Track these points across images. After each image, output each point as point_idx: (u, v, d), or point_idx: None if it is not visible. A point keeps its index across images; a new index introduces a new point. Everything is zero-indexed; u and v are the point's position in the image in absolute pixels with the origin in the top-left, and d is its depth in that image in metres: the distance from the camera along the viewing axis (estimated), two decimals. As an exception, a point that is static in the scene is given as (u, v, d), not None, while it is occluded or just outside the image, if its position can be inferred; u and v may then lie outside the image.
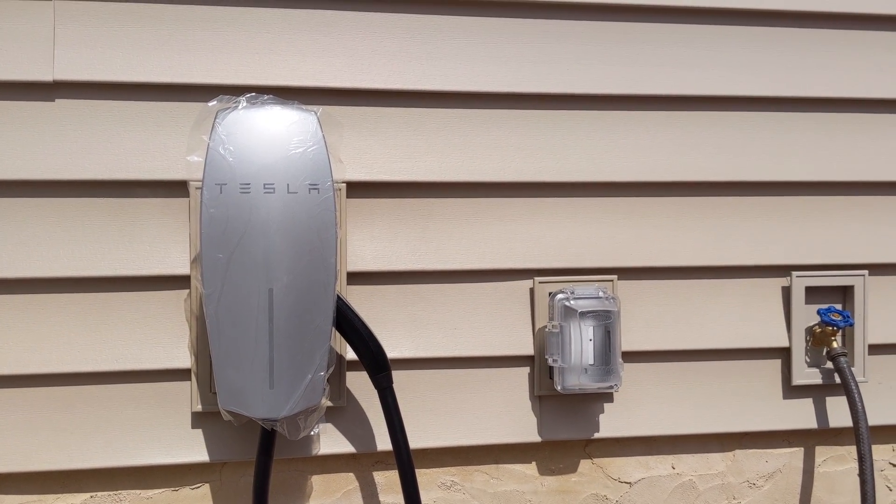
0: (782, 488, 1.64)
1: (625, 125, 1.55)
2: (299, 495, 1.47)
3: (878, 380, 1.64)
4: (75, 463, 1.38)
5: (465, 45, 1.49)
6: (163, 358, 1.39)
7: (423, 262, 1.48)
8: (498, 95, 1.50)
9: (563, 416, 1.53)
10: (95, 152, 1.38)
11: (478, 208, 1.51)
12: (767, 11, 1.58)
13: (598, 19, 1.53)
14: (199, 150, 1.25)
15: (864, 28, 1.62)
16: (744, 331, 1.59)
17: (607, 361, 1.42)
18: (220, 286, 1.19)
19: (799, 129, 1.60)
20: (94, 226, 1.38)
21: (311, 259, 1.21)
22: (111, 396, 1.39)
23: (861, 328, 1.61)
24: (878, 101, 1.63)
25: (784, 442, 1.64)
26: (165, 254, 1.39)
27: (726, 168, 1.57)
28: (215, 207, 1.18)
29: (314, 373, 1.22)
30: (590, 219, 1.54)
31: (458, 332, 1.49)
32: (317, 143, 1.22)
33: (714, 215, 1.58)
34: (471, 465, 1.53)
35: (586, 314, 1.42)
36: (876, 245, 1.63)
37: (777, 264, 1.59)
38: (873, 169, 1.62)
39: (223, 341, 1.20)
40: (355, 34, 1.46)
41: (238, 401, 1.21)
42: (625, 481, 1.58)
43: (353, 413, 1.46)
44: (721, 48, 1.57)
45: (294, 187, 1.20)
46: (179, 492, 1.44)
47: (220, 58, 1.41)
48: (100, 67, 1.37)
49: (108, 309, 1.39)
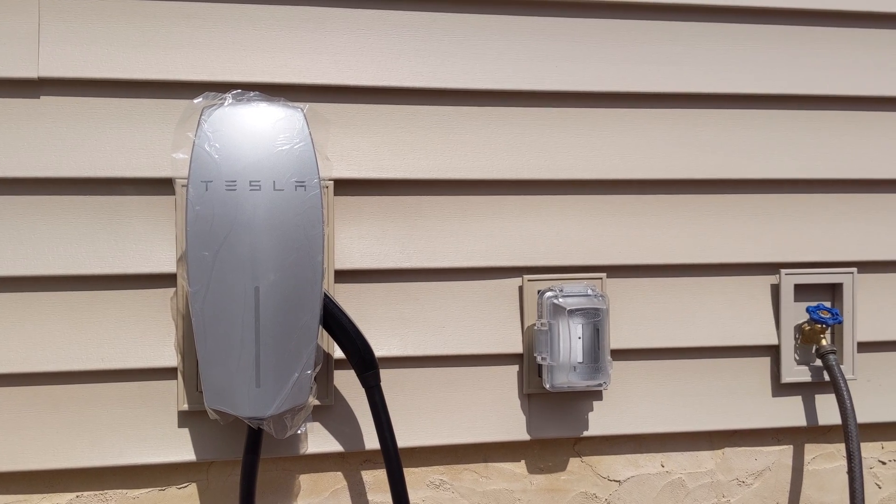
0: (771, 486, 1.64)
1: (614, 123, 1.54)
2: (287, 495, 1.47)
3: (867, 377, 1.64)
4: (61, 462, 1.37)
5: (454, 43, 1.49)
6: (149, 357, 1.38)
7: (411, 260, 1.47)
8: (487, 93, 1.50)
9: (552, 415, 1.52)
10: (81, 149, 1.37)
11: (466, 206, 1.50)
12: (755, 9, 1.58)
13: (587, 17, 1.53)
14: (184, 148, 1.24)
15: (851, 25, 1.62)
16: (733, 328, 1.59)
17: (596, 359, 1.42)
18: (207, 284, 1.18)
19: (787, 126, 1.60)
20: (79, 224, 1.37)
21: (298, 257, 1.20)
22: (97, 395, 1.38)
23: (850, 326, 1.61)
24: (866, 99, 1.63)
25: (773, 440, 1.64)
26: (151, 252, 1.39)
27: (715, 166, 1.57)
28: (201, 205, 1.18)
29: (301, 371, 1.21)
30: (579, 217, 1.54)
31: (446, 331, 1.49)
32: (303, 140, 1.21)
33: (703, 213, 1.58)
34: (459, 464, 1.53)
35: (575, 312, 1.41)
36: (864, 242, 1.63)
37: (766, 262, 1.60)
38: (862, 166, 1.63)
39: (209, 340, 1.19)
40: (343, 31, 1.45)
41: (224, 400, 1.21)
42: (614, 479, 1.58)
43: (340, 412, 1.45)
44: (708, 46, 1.57)
45: (280, 185, 1.19)
46: (166, 491, 1.43)
47: (205, 54, 1.40)
48: (85, 64, 1.37)
49: (94, 307, 1.38)
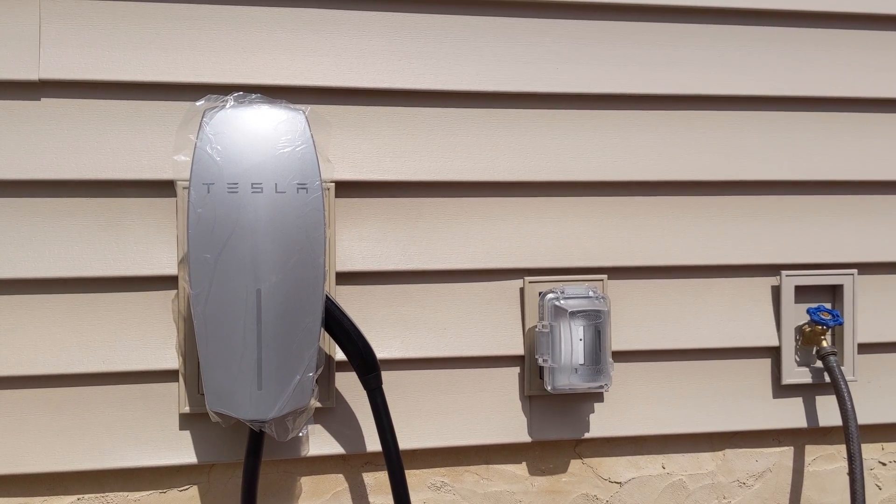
0: (772, 487, 1.64)
1: (614, 124, 1.54)
2: (288, 497, 1.47)
3: (868, 379, 1.64)
4: (62, 465, 1.37)
5: (455, 45, 1.49)
6: (150, 359, 1.38)
7: (412, 262, 1.47)
8: (488, 95, 1.50)
9: (554, 417, 1.53)
10: (82, 152, 1.37)
11: (467, 208, 1.50)
12: (756, 10, 1.58)
13: (587, 19, 1.53)
14: (186, 150, 1.24)
15: (853, 27, 1.62)
16: (734, 330, 1.59)
17: (597, 361, 1.42)
18: (208, 286, 1.18)
19: (788, 128, 1.60)
20: (80, 226, 1.37)
21: (300, 259, 1.20)
22: (98, 398, 1.38)
23: (850, 327, 1.61)
24: (867, 101, 1.63)
25: (774, 441, 1.64)
26: (152, 254, 1.38)
27: (716, 167, 1.58)
28: (203, 207, 1.18)
29: (303, 374, 1.21)
30: (580, 218, 1.54)
31: (447, 333, 1.49)
32: (305, 142, 1.21)
33: (704, 215, 1.58)
34: (461, 466, 1.53)
35: (576, 314, 1.41)
36: (865, 244, 1.63)
37: (767, 263, 1.60)
38: (862, 168, 1.63)
39: (211, 342, 1.19)
40: (344, 33, 1.45)
41: (226, 402, 1.20)
42: (615, 481, 1.58)
43: (342, 414, 1.45)
44: (710, 48, 1.57)
45: (282, 187, 1.19)
46: (167, 494, 1.43)
47: (207, 56, 1.40)
48: (86, 66, 1.36)
49: (95, 310, 1.38)
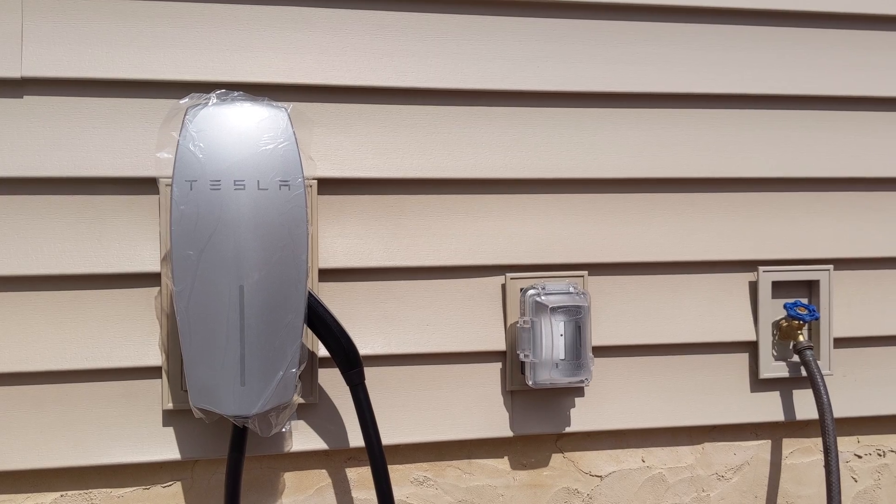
0: (750, 480, 1.66)
1: (596, 122, 1.56)
2: (272, 492, 1.47)
3: (843, 373, 1.67)
4: (45, 462, 1.37)
5: (438, 42, 1.50)
6: (133, 356, 1.38)
7: (395, 258, 1.48)
8: (470, 92, 1.51)
9: (535, 411, 1.54)
10: (64, 149, 1.37)
11: (450, 205, 1.51)
12: (733, 10, 1.60)
13: (569, 18, 1.54)
14: (168, 147, 1.24)
15: (827, 26, 1.64)
16: (712, 325, 1.61)
17: (578, 356, 1.44)
18: (191, 283, 1.18)
19: (764, 125, 1.62)
20: (63, 223, 1.37)
21: (283, 256, 1.21)
22: (81, 395, 1.38)
23: (826, 322, 1.64)
24: (841, 99, 1.65)
25: (752, 434, 1.67)
26: (135, 251, 1.39)
27: (694, 164, 1.59)
28: (185, 204, 1.18)
29: (286, 370, 1.22)
30: (561, 215, 1.55)
31: (430, 329, 1.50)
32: (287, 139, 1.22)
33: (682, 211, 1.60)
34: (443, 461, 1.54)
35: (557, 309, 1.43)
36: (840, 240, 1.65)
37: (744, 259, 1.62)
38: (836, 165, 1.65)
39: (194, 339, 1.19)
40: (326, 31, 1.46)
41: (209, 398, 1.21)
42: (596, 475, 1.60)
43: (325, 410, 1.46)
44: (687, 46, 1.59)
45: (265, 184, 1.20)
46: (151, 490, 1.43)
47: (189, 54, 1.41)
48: (69, 64, 1.36)
49: (78, 307, 1.38)
